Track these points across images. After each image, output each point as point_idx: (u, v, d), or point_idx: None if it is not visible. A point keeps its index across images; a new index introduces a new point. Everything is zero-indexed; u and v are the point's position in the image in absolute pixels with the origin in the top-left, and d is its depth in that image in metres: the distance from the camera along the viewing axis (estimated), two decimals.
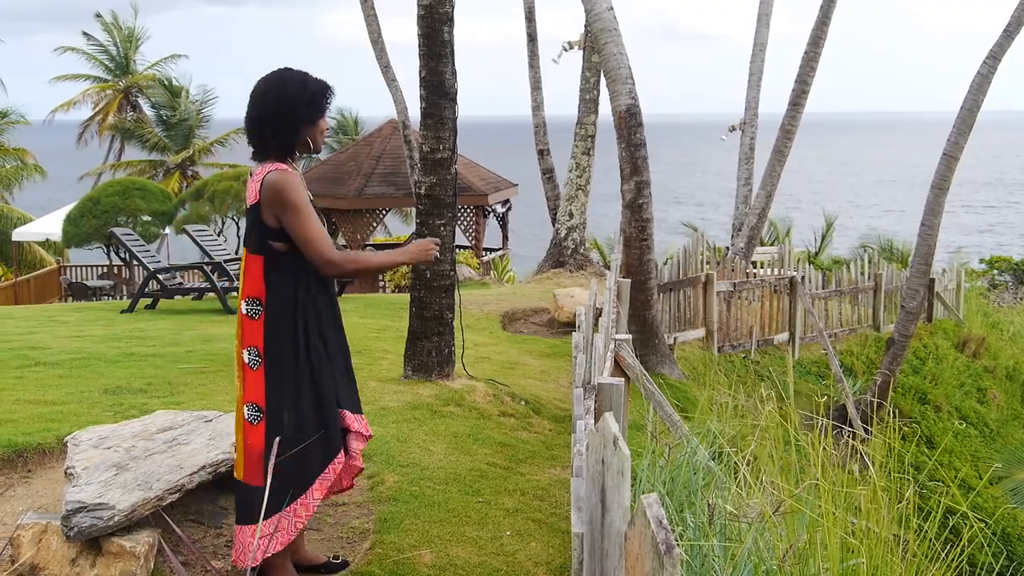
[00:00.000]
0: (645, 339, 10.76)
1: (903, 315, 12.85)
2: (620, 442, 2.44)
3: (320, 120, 4.06)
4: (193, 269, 15.28)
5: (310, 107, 4.00)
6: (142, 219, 24.06)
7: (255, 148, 4.05)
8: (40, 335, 10.18)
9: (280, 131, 3.97)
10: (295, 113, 3.97)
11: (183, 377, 7.64)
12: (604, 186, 34.02)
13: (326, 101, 4.06)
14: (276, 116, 3.96)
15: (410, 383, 7.53)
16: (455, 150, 7.53)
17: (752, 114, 17.94)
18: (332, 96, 4.09)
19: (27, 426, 5.77)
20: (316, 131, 4.06)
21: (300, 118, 3.99)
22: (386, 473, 5.56)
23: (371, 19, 17.64)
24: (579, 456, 4.27)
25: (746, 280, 14.14)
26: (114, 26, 42.37)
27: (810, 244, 31.03)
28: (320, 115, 4.05)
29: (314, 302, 4.00)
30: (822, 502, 3.48)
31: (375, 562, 4.44)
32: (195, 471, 4.48)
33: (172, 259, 25.04)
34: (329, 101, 4.09)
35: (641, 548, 2.19)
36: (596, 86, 17.27)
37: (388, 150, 23.85)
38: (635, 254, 10.51)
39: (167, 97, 39.13)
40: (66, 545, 3.99)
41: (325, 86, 4.07)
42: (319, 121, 4.05)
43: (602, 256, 25.33)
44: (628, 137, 10.25)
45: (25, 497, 4.92)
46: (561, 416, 7.67)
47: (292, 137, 4.01)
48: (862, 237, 33.99)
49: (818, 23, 15.71)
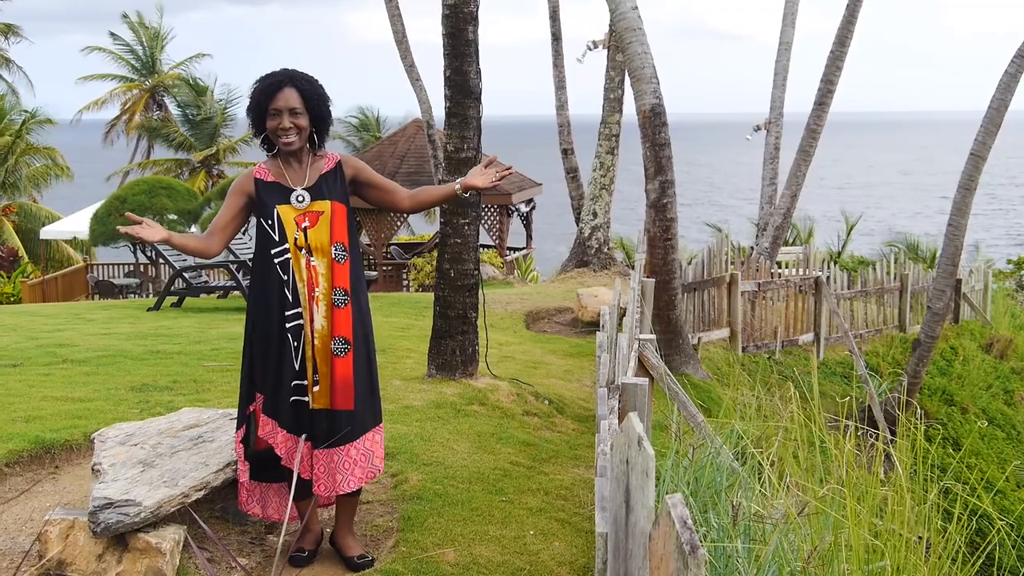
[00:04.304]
0: (669, 339, 10.73)
1: (929, 316, 12.74)
2: (645, 442, 2.44)
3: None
4: (219, 267, 15.36)
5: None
6: (168, 217, 24.18)
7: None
8: (67, 332, 10.27)
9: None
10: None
11: (209, 375, 7.69)
12: (628, 185, 33.96)
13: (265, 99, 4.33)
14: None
15: (434, 382, 7.54)
16: (479, 149, 7.54)
17: (777, 113, 17.86)
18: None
19: (55, 423, 5.83)
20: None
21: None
22: (410, 472, 5.58)
23: (395, 19, 17.67)
24: (603, 456, 4.26)
25: (771, 280, 14.08)
26: (140, 26, 42.65)
27: (832, 245, 30.86)
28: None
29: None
30: (847, 503, 3.47)
31: (399, 560, 4.45)
32: (220, 468, 4.50)
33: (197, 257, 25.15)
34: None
35: (666, 548, 2.19)
36: (620, 85, 17.23)
37: (412, 149, 23.88)
38: (659, 254, 10.48)
39: (192, 96, 39.32)
40: (93, 541, 4.03)
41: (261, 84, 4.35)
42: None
43: (626, 255, 25.28)
44: (652, 136, 10.22)
45: (53, 493, 4.97)
46: (584, 416, 7.67)
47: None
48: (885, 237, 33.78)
49: (844, 22, 15.62)
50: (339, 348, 4.30)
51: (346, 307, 4.31)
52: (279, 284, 4.27)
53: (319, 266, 4.28)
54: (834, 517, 3.64)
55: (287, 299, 4.27)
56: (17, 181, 33.87)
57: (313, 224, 4.29)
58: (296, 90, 4.27)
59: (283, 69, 4.32)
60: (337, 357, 4.29)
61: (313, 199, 4.32)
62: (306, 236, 4.28)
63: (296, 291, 4.28)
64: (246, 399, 4.40)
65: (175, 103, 40.72)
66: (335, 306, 4.30)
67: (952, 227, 12.56)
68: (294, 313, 4.28)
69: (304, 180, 4.36)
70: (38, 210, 32.50)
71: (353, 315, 4.33)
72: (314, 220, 4.30)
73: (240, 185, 4.37)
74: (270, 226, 4.28)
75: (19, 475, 5.15)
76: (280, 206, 4.29)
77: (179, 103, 40.04)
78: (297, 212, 4.29)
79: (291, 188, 4.33)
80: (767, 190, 17.87)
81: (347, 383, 4.30)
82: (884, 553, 3.47)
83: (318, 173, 4.38)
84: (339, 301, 4.30)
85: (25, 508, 4.73)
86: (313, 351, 4.30)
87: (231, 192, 4.37)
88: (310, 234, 4.28)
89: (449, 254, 7.52)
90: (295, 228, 4.28)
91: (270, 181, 4.35)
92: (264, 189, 4.33)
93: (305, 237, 4.27)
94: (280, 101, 4.24)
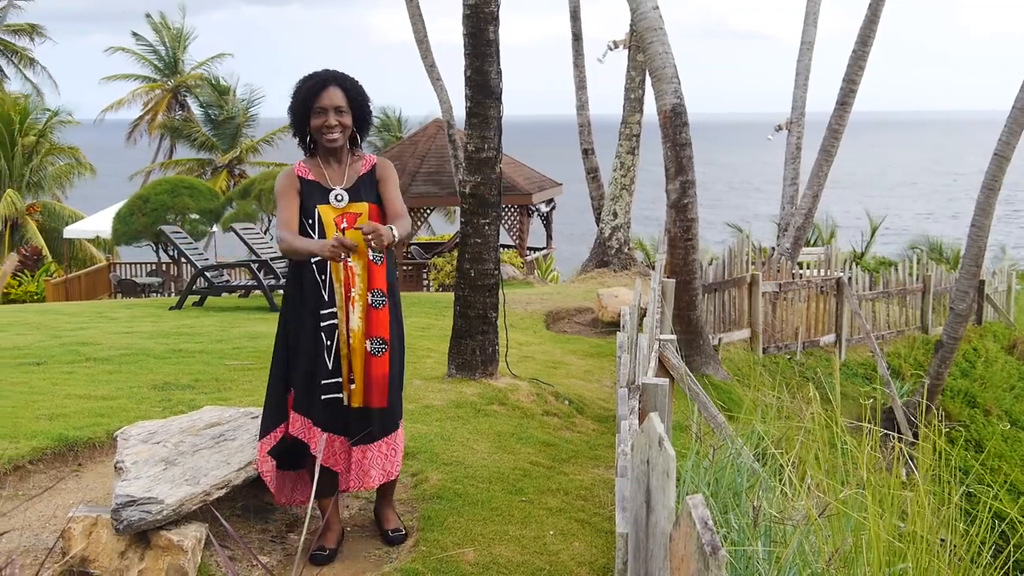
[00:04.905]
0: (689, 339, 10.71)
1: (952, 317, 12.67)
2: (665, 442, 2.44)
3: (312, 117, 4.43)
4: (240, 267, 15.43)
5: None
6: (190, 217, 24.33)
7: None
8: (90, 331, 10.34)
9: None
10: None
11: (230, 374, 7.72)
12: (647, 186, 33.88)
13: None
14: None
15: (454, 381, 7.55)
16: (500, 149, 7.54)
17: (799, 113, 17.79)
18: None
19: (78, 420, 5.87)
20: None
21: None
22: (430, 471, 5.58)
23: (416, 19, 17.70)
24: (624, 456, 4.26)
25: (792, 281, 14.03)
26: (163, 26, 42.91)
27: (855, 245, 30.70)
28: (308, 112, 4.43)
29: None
30: (868, 505, 3.45)
31: (419, 559, 4.46)
32: (242, 467, 4.53)
33: (219, 257, 25.31)
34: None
35: (686, 549, 2.18)
36: (641, 85, 17.20)
37: (433, 149, 23.92)
38: (680, 254, 10.46)
39: (215, 96, 39.52)
40: (116, 538, 4.06)
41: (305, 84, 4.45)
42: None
43: (646, 256, 25.23)
44: (673, 136, 10.19)
45: (76, 490, 5.00)
46: (605, 416, 7.66)
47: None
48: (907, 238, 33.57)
49: (867, 21, 15.55)
50: (376, 348, 4.40)
51: (383, 308, 4.42)
52: (315, 283, 4.36)
53: (356, 267, 4.37)
54: (855, 519, 3.62)
55: (323, 299, 4.36)
56: (41, 180, 34.16)
57: (351, 225, 4.38)
58: (341, 89, 4.38)
59: (326, 69, 4.43)
60: (374, 356, 4.39)
61: (351, 200, 4.41)
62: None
63: (332, 291, 4.37)
64: (276, 396, 4.44)
65: (197, 103, 40.97)
66: (372, 307, 4.39)
67: (975, 228, 12.48)
68: (328, 313, 4.36)
69: (343, 180, 4.45)
70: (61, 209, 32.76)
71: (390, 316, 4.44)
72: (352, 221, 4.38)
73: (288, 181, 4.44)
74: (310, 225, 4.37)
75: (43, 472, 5.18)
76: (321, 206, 4.38)
77: (201, 103, 40.28)
78: (336, 212, 4.38)
79: (330, 187, 4.42)
80: (788, 190, 17.80)
81: (383, 382, 4.42)
82: (906, 556, 3.46)
83: (356, 175, 4.48)
84: (376, 302, 4.39)
85: (49, 505, 4.77)
86: (348, 351, 4.38)
87: (283, 191, 4.43)
88: (348, 235, 4.35)
89: (469, 254, 7.53)
90: (334, 229, 4.36)
91: (311, 180, 4.44)
92: (305, 187, 4.43)
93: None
94: (325, 99, 4.35)
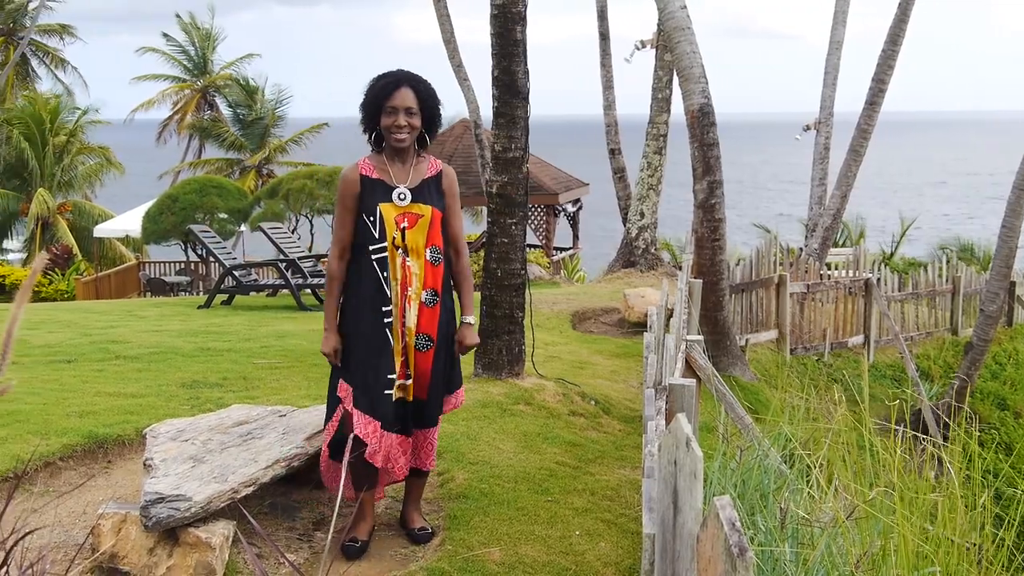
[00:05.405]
0: (716, 340, 10.67)
1: (982, 318, 12.55)
2: (693, 443, 2.43)
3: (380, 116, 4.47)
4: (268, 266, 15.51)
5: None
6: (219, 216, 24.48)
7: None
8: (120, 329, 10.42)
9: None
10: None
11: (258, 372, 7.76)
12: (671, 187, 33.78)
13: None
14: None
15: (480, 381, 7.55)
16: (527, 149, 7.54)
17: (827, 113, 17.68)
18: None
19: (107, 418, 5.92)
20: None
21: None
22: (456, 471, 5.59)
23: (444, 19, 17.72)
24: (650, 457, 4.25)
25: (820, 282, 13.95)
26: (192, 27, 43.17)
27: (884, 246, 30.48)
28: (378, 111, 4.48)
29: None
30: (896, 508, 3.43)
31: (445, 559, 4.47)
32: (269, 465, 4.55)
33: (247, 256, 25.44)
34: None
35: (714, 550, 2.18)
36: (668, 85, 17.14)
37: (460, 149, 23.95)
38: (707, 254, 10.42)
39: (243, 96, 39.72)
40: (144, 535, 4.08)
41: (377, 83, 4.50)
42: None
43: (673, 256, 25.16)
44: (701, 136, 10.16)
45: (105, 487, 5.04)
46: (631, 416, 7.64)
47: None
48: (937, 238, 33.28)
49: (896, 20, 15.43)
50: (422, 344, 4.48)
51: (435, 307, 4.49)
52: (376, 280, 4.42)
53: (413, 266, 4.43)
54: (884, 522, 3.60)
55: (384, 296, 4.42)
56: (72, 180, 34.47)
57: (412, 225, 4.43)
58: (413, 91, 4.43)
59: (400, 69, 4.49)
60: (419, 352, 4.48)
61: (414, 200, 4.46)
62: (403, 236, 4.42)
63: (391, 288, 4.42)
64: (336, 388, 4.55)
65: (226, 103, 41.19)
66: (425, 305, 4.46)
67: (1006, 228, 12.35)
68: (387, 310, 4.42)
69: (407, 179, 4.50)
70: (91, 208, 33.05)
71: (440, 315, 4.51)
72: (413, 222, 4.44)
73: (348, 193, 4.48)
74: (372, 223, 4.42)
75: (73, 469, 5.23)
76: (383, 204, 4.43)
77: (230, 103, 40.49)
78: (398, 211, 4.43)
79: (394, 185, 4.47)
80: (817, 190, 17.69)
81: (425, 376, 4.51)
82: (935, 559, 3.43)
83: (421, 176, 4.53)
84: (429, 301, 4.47)
85: (79, 502, 4.81)
86: (404, 347, 4.46)
87: (341, 199, 4.49)
88: (408, 235, 4.42)
89: (496, 254, 7.53)
90: (394, 227, 4.41)
91: (375, 178, 4.48)
92: (368, 185, 4.47)
93: (403, 237, 4.41)
94: (397, 99, 4.40)
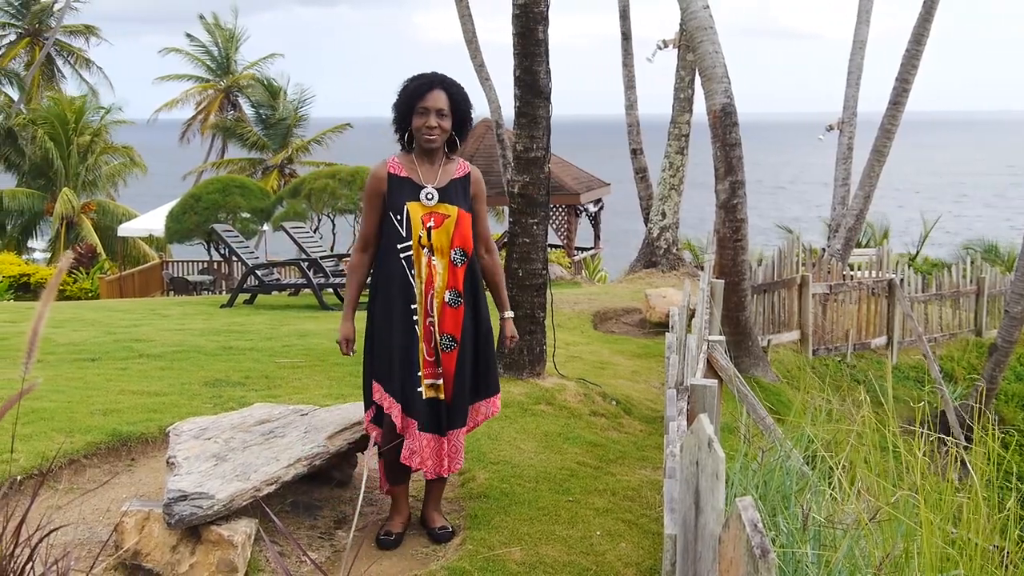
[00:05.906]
0: (738, 341, 10.63)
1: (1007, 320, 12.46)
2: (715, 444, 2.43)
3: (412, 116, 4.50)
4: (290, 265, 15.57)
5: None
6: (241, 216, 24.60)
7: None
8: (143, 328, 10.49)
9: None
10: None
11: (280, 371, 7.79)
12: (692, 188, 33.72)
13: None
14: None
15: (501, 381, 7.49)
16: (548, 149, 7.54)
17: (850, 113, 17.60)
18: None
19: (131, 416, 5.96)
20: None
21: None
22: (477, 470, 5.60)
23: (466, 19, 17.75)
24: (672, 458, 4.24)
25: (842, 282, 13.88)
26: (215, 27, 43.35)
27: (907, 247, 30.28)
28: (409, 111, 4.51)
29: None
30: (920, 510, 3.41)
31: (466, 558, 4.47)
32: (291, 463, 4.56)
33: (270, 255, 25.55)
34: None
35: (736, 552, 2.17)
36: (691, 85, 17.09)
37: (481, 149, 23.96)
38: (729, 255, 10.39)
39: (266, 96, 39.86)
40: (167, 532, 4.11)
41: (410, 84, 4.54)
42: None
43: (694, 256, 25.09)
44: (723, 136, 10.12)
45: (129, 485, 5.07)
46: (652, 417, 7.63)
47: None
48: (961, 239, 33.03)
49: (921, 19, 15.33)
50: (446, 344, 4.50)
51: (458, 308, 4.51)
52: (403, 279, 4.45)
53: (438, 266, 4.46)
54: (907, 524, 3.58)
55: (412, 294, 4.45)
56: (96, 179, 34.71)
57: (438, 225, 4.46)
58: (446, 93, 4.47)
59: (433, 72, 4.54)
60: (444, 352, 4.51)
61: (441, 200, 4.49)
62: (429, 235, 4.44)
63: (416, 286, 4.46)
64: (370, 387, 4.60)
65: (249, 103, 41.35)
66: (447, 305, 4.48)
67: None
68: (414, 308, 4.46)
69: (435, 179, 4.53)
70: (115, 208, 33.28)
71: (464, 316, 4.53)
72: (439, 222, 4.46)
73: (374, 190, 4.53)
74: (399, 221, 4.44)
75: (97, 467, 5.27)
76: (410, 203, 4.46)
77: (253, 103, 40.64)
78: (425, 210, 4.45)
79: (422, 185, 4.49)
80: (840, 191, 17.62)
81: (449, 376, 4.52)
82: (958, 562, 3.41)
83: (449, 176, 4.56)
84: (452, 301, 4.49)
85: (103, 499, 4.84)
86: (432, 345, 4.50)
87: (368, 198, 4.55)
88: (434, 235, 4.45)
89: (517, 253, 7.54)
90: (420, 226, 4.44)
91: (403, 176, 4.51)
92: (396, 184, 4.50)
93: (428, 236, 4.44)
94: (429, 101, 4.44)
